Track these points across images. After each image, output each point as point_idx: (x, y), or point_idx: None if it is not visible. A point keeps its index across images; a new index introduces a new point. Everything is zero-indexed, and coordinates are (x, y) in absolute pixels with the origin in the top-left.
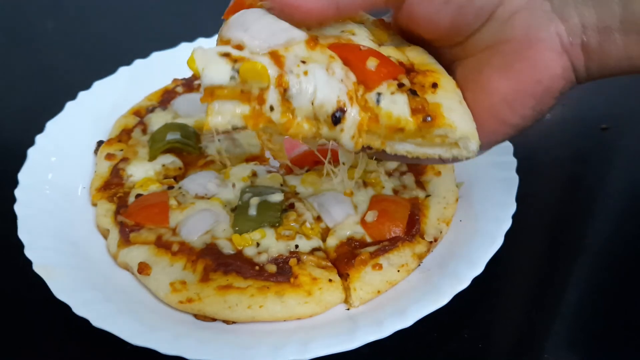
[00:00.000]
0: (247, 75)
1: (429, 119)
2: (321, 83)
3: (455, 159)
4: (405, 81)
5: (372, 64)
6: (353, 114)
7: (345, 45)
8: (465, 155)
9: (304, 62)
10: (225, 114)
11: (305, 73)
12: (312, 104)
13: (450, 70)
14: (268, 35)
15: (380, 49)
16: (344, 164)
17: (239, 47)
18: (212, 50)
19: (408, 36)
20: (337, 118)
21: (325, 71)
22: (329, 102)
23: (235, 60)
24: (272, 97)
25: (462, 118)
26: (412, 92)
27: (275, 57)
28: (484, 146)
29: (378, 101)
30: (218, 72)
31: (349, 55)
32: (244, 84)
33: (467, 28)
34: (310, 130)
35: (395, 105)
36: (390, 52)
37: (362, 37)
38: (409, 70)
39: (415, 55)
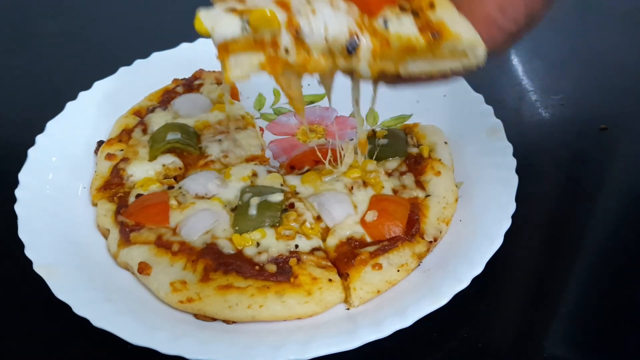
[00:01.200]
0: (257, 23)
1: (436, 34)
2: (330, 18)
3: (466, 69)
4: (405, 4)
5: None
6: (365, 41)
7: None
8: (475, 63)
9: (308, 2)
10: (243, 66)
11: (313, 12)
12: (326, 39)
13: None
14: None
15: None
16: (357, 101)
17: (242, 1)
18: (217, 9)
19: None
20: (351, 48)
21: (330, 6)
22: (342, 33)
23: (242, 13)
24: (285, 39)
25: (465, 28)
26: (414, 13)
27: (281, 3)
28: (490, 50)
29: (386, 26)
30: (229, 26)
31: None
32: (256, 32)
33: None
34: (327, 65)
35: (402, 27)
36: None
37: None
38: None
39: None
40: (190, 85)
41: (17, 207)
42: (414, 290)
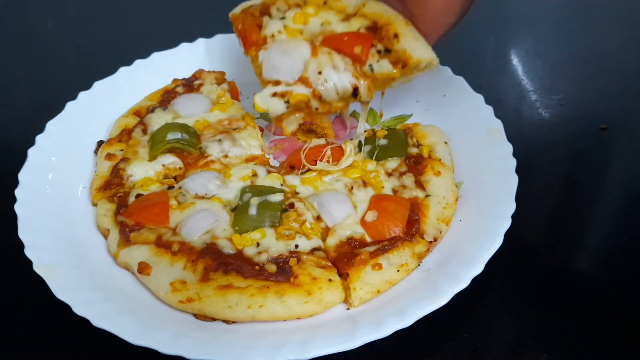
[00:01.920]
0: (294, 102)
1: (404, 65)
2: (337, 80)
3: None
4: (380, 46)
5: (357, 49)
6: (362, 85)
7: (332, 38)
8: (432, 69)
9: (319, 72)
10: (292, 123)
11: (325, 81)
12: (337, 94)
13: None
14: (290, 69)
15: (350, 23)
16: (364, 110)
17: (278, 82)
18: (266, 94)
19: None
20: (355, 93)
21: (333, 70)
22: (347, 87)
23: (282, 95)
24: (314, 103)
25: (422, 50)
26: (387, 51)
27: (303, 80)
28: (435, 40)
29: (372, 69)
30: (277, 107)
31: (340, 48)
32: (295, 106)
33: None
34: (342, 105)
35: (382, 67)
36: (358, 23)
37: (335, 23)
38: (376, 28)
39: (373, 9)
40: (190, 85)
41: (17, 207)
42: (414, 290)
